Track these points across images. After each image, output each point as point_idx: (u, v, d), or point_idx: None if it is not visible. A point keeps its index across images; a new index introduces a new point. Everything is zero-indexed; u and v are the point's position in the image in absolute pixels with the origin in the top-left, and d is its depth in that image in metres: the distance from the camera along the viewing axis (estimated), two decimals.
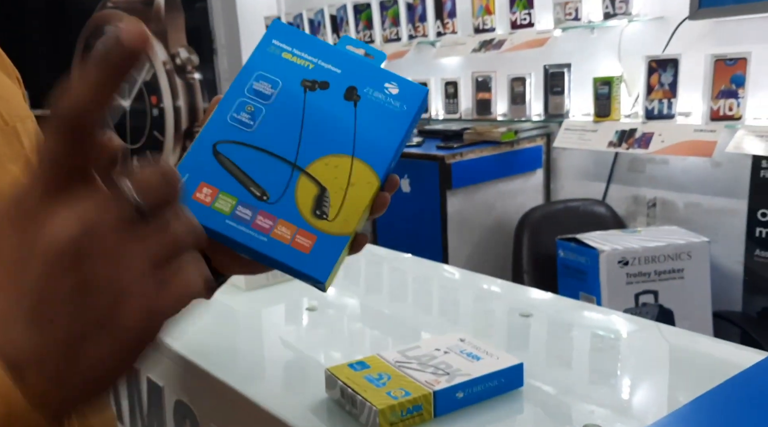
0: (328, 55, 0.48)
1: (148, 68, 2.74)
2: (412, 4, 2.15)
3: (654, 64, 1.61)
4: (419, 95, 0.48)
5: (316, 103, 0.46)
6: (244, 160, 0.45)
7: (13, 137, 0.51)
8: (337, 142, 0.46)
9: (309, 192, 0.45)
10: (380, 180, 0.46)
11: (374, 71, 0.48)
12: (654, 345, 0.85)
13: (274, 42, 0.48)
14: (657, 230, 1.64)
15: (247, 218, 0.43)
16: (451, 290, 1.18)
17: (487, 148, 1.92)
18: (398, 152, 0.48)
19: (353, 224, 0.44)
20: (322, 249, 0.43)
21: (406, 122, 0.47)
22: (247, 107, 0.46)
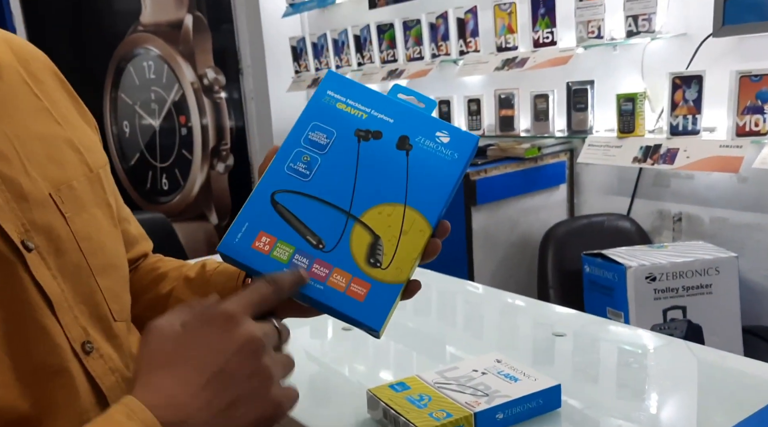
0: (380, 104, 0.50)
1: (177, 89, 2.81)
2: (435, 23, 2.19)
3: (678, 80, 1.62)
4: (470, 143, 0.49)
5: (370, 153, 0.48)
6: (301, 209, 0.47)
7: (97, 184, 0.56)
8: (390, 191, 0.47)
9: (363, 240, 0.46)
10: (432, 228, 0.47)
11: (426, 120, 0.49)
12: (686, 364, 0.86)
13: (328, 92, 0.50)
14: (683, 245, 1.64)
15: (304, 266, 0.45)
16: (476, 306, 1.20)
17: (510, 165, 1.94)
18: (450, 200, 0.49)
19: (406, 272, 0.46)
20: (376, 297, 0.45)
21: (457, 171, 0.49)
22: (304, 157, 0.48)
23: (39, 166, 0.51)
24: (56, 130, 0.54)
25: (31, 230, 0.48)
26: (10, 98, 0.52)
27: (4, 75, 0.53)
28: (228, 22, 2.92)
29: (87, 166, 0.55)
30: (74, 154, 0.55)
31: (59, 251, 0.50)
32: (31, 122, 0.52)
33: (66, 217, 0.51)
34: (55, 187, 0.51)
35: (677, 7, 1.70)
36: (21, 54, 0.56)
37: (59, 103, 0.57)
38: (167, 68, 2.78)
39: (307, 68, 2.74)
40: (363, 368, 0.90)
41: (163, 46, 2.75)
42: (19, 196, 0.48)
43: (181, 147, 2.84)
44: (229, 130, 2.98)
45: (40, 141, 0.52)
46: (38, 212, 0.49)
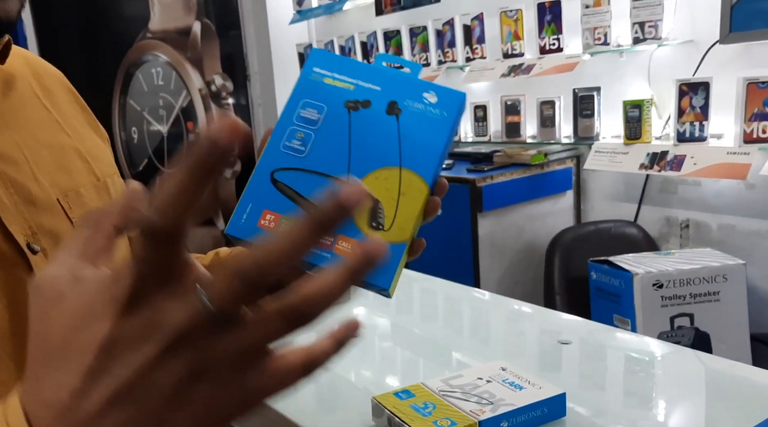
0: (366, 74, 0.50)
1: (185, 95, 2.83)
2: (441, 30, 2.20)
3: (685, 87, 1.62)
4: (457, 100, 0.50)
5: (361, 122, 0.49)
6: (300, 184, 0.47)
7: (104, 192, 0.58)
8: (384, 155, 0.48)
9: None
10: (429, 186, 0.48)
11: (412, 83, 0.50)
12: (693, 373, 0.85)
13: (315, 69, 0.51)
14: (691, 252, 1.64)
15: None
16: (482, 312, 1.20)
17: (517, 171, 1.94)
18: (443, 157, 0.50)
19: (408, 231, 0.47)
20: None
21: (447, 128, 0.49)
22: (298, 134, 0.49)
23: (47, 173, 0.52)
24: (65, 139, 0.56)
25: (38, 232, 0.50)
26: (21, 109, 0.54)
27: (17, 86, 0.55)
28: (236, 28, 2.94)
29: (94, 175, 0.57)
30: (82, 163, 0.57)
31: None
32: (40, 132, 0.54)
33: (73, 221, 0.53)
34: (62, 193, 0.53)
35: (684, 13, 1.70)
36: (36, 69, 0.59)
37: (69, 115, 0.59)
38: (175, 75, 2.80)
39: None
40: (369, 373, 0.91)
41: (172, 52, 2.77)
42: (27, 201, 0.50)
43: None
44: None
45: (49, 149, 0.54)
46: (46, 216, 0.51)
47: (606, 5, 1.76)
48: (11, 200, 0.48)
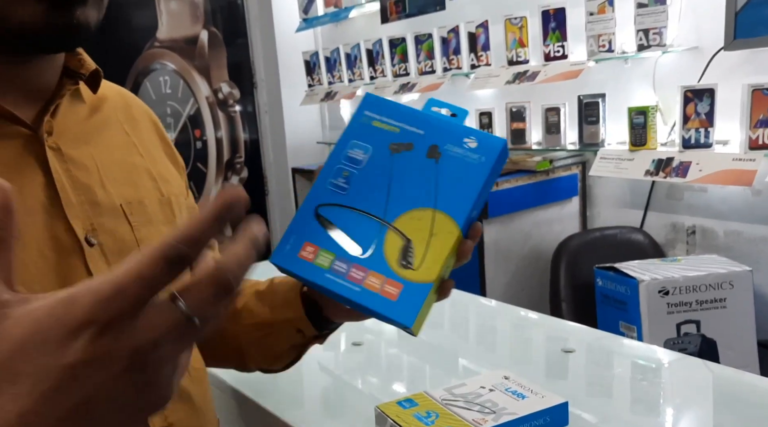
0: (412, 118, 0.53)
1: (193, 103, 2.86)
2: (446, 38, 2.21)
3: (690, 94, 1.62)
4: (497, 146, 0.51)
5: (402, 164, 0.51)
6: (341, 219, 0.50)
7: (167, 207, 0.64)
8: (420, 196, 0.50)
9: (396, 244, 0.49)
10: (460, 229, 0.49)
11: (454, 128, 0.52)
12: (700, 381, 0.85)
13: (365, 112, 0.54)
14: (697, 259, 1.63)
15: (343, 271, 0.49)
16: (489, 320, 1.20)
17: (522, 177, 1.95)
18: (479, 202, 0.51)
19: (436, 272, 0.48)
20: (408, 296, 0.47)
21: (484, 173, 0.50)
22: (344, 173, 0.52)
23: (115, 184, 0.59)
24: (137, 160, 0.64)
25: (98, 229, 0.56)
26: (103, 129, 0.62)
27: (103, 111, 0.63)
28: (242, 36, 2.97)
29: (159, 192, 0.64)
30: (150, 180, 0.64)
31: (122, 251, 0.57)
32: (116, 151, 0.62)
33: (132, 225, 0.59)
34: (126, 201, 0.60)
35: (689, 20, 1.70)
36: (128, 101, 0.68)
37: (147, 141, 0.67)
38: (183, 83, 2.83)
39: (320, 82, 2.77)
40: (376, 380, 0.91)
41: (179, 61, 2.79)
42: (92, 202, 0.56)
43: (196, 160, 2.88)
44: (243, 143, 3.02)
45: (120, 166, 0.61)
46: (107, 217, 0.57)
47: (610, 12, 1.76)
48: (78, 200, 0.55)
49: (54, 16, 0.49)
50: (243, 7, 2.95)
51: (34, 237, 0.52)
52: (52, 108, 0.56)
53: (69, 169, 0.56)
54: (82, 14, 0.51)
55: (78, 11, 0.50)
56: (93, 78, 0.61)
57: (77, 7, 0.50)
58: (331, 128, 3.07)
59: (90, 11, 0.52)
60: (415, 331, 0.48)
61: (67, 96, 0.59)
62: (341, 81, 2.67)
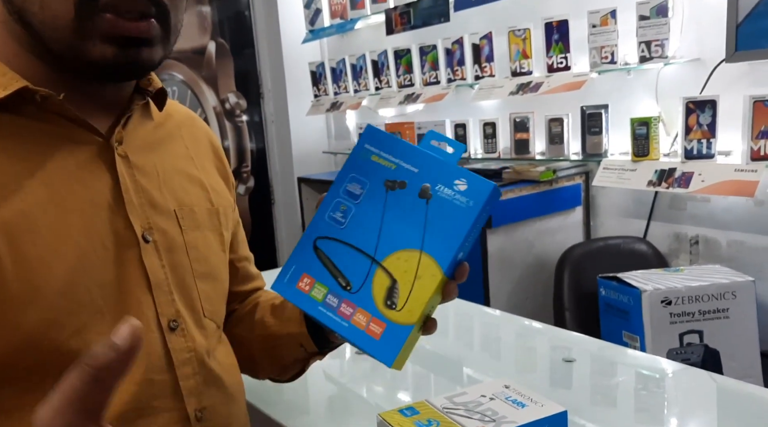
0: (408, 155, 0.54)
1: (200, 113, 2.89)
2: (451, 49, 2.23)
3: (692, 105, 1.64)
4: (486, 191, 0.52)
5: (395, 201, 0.53)
6: (336, 253, 0.53)
7: (214, 216, 0.70)
8: (408, 237, 0.52)
9: (383, 284, 0.51)
10: (444, 273, 0.51)
11: (447, 169, 0.53)
12: (703, 392, 0.86)
13: (365, 146, 0.56)
14: (700, 269, 1.64)
15: (334, 306, 0.52)
16: (492, 329, 1.21)
17: (526, 187, 1.96)
18: (465, 244, 0.52)
19: (416, 315, 0.50)
20: (390, 336, 0.50)
21: (471, 218, 0.51)
22: (341, 207, 0.54)
23: (172, 190, 0.66)
24: (193, 171, 0.71)
25: (153, 228, 0.62)
26: (166, 142, 0.69)
27: (167, 126, 0.70)
28: (249, 47, 3.01)
29: (209, 201, 0.70)
30: (201, 191, 0.70)
31: (171, 250, 0.64)
32: (176, 161, 0.69)
33: (182, 228, 0.65)
34: (179, 207, 0.66)
35: (691, 32, 1.72)
36: (192, 122, 0.76)
37: (203, 157, 0.74)
38: (190, 93, 2.86)
39: (326, 92, 2.80)
40: (381, 389, 0.93)
41: (187, 71, 2.83)
42: (150, 204, 0.63)
43: None
44: (249, 153, 3.05)
45: (177, 175, 0.68)
46: (161, 219, 0.63)
47: (612, 25, 1.78)
48: (138, 201, 0.62)
49: (122, 56, 0.55)
50: (250, 19, 2.99)
51: (98, 230, 0.58)
52: (123, 120, 0.62)
53: (134, 174, 0.62)
54: (148, 54, 0.57)
55: (145, 52, 0.56)
56: (159, 96, 0.68)
57: (144, 48, 0.56)
58: (337, 138, 3.09)
59: (156, 51, 0.57)
60: (397, 367, 0.50)
61: (138, 111, 0.66)
62: (347, 91, 2.69)
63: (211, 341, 0.68)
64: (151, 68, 0.59)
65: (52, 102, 0.56)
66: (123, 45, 0.55)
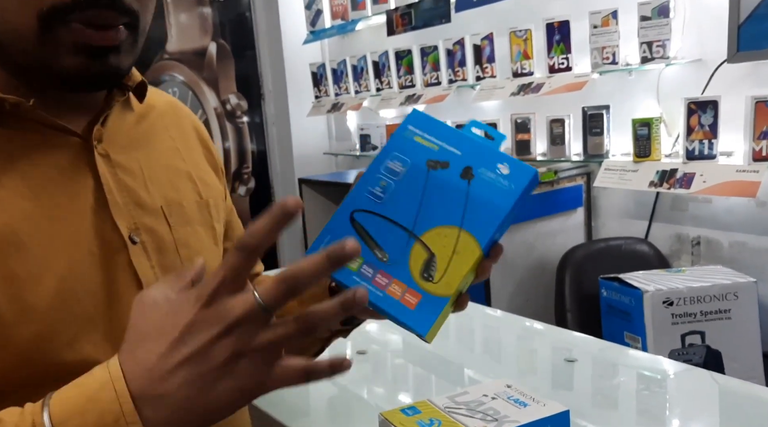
0: (452, 138, 0.55)
1: (201, 114, 2.89)
2: (452, 50, 2.23)
3: (693, 105, 1.64)
4: (527, 176, 0.53)
5: (436, 180, 0.54)
6: (373, 226, 0.53)
7: (204, 209, 0.69)
8: (448, 214, 0.52)
9: (420, 257, 0.52)
10: (482, 250, 0.51)
11: (490, 153, 0.54)
12: (704, 392, 0.86)
13: (409, 127, 0.56)
14: (701, 270, 1.64)
15: (369, 275, 0.52)
16: (494, 330, 1.21)
17: None
18: (503, 226, 0.53)
19: (453, 287, 0.51)
20: (425, 307, 0.51)
21: (511, 200, 0.52)
22: (381, 183, 0.55)
23: (158, 186, 0.64)
24: (179, 164, 0.68)
25: (140, 228, 0.61)
26: (151, 135, 0.67)
27: (150, 118, 0.68)
28: (250, 48, 3.01)
29: (198, 194, 0.69)
30: (190, 184, 0.68)
31: (160, 250, 0.62)
32: (160, 155, 0.67)
33: (171, 226, 0.64)
34: (167, 203, 0.64)
35: (692, 33, 1.72)
36: (174, 108, 0.73)
37: (190, 147, 0.72)
38: (191, 94, 2.86)
39: (327, 93, 2.80)
40: (381, 390, 0.92)
41: (188, 72, 2.83)
42: (136, 203, 0.61)
43: None
44: (250, 154, 3.05)
45: (163, 169, 0.66)
46: (149, 218, 0.62)
47: (614, 25, 1.78)
48: (123, 201, 0.60)
49: (90, 66, 0.54)
50: (251, 20, 2.99)
51: (85, 236, 0.57)
52: (102, 118, 0.61)
53: (116, 174, 0.61)
54: (115, 61, 0.55)
55: (112, 59, 0.55)
56: (140, 88, 0.66)
57: (111, 56, 0.55)
58: (338, 139, 3.09)
59: (123, 58, 0.56)
60: (429, 339, 0.51)
61: (117, 105, 0.64)
62: (348, 92, 2.69)
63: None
64: (121, 76, 0.58)
65: (23, 109, 0.55)
66: (91, 55, 0.54)
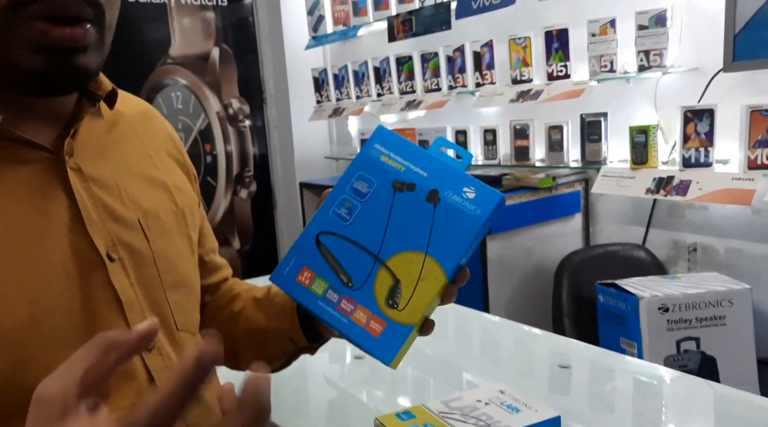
0: (418, 159, 0.55)
1: (203, 118, 2.91)
2: (452, 56, 2.26)
3: (689, 114, 1.65)
4: (493, 200, 0.53)
5: (402, 203, 0.53)
6: (339, 249, 0.53)
7: (180, 218, 0.67)
8: (414, 239, 0.52)
9: (386, 283, 0.52)
10: (447, 277, 0.51)
11: (456, 176, 0.54)
12: (698, 400, 0.88)
13: (375, 146, 0.56)
14: (697, 276, 1.66)
15: (334, 301, 0.52)
16: (492, 335, 1.23)
17: (526, 194, 1.98)
18: (468, 251, 0.53)
19: (418, 315, 0.51)
20: (390, 335, 0.51)
21: (477, 225, 0.52)
22: (347, 204, 0.54)
23: (133, 197, 0.62)
24: (153, 172, 0.67)
25: (117, 244, 0.59)
26: (121, 143, 0.65)
27: (120, 125, 0.66)
28: (253, 53, 3.03)
29: (174, 203, 0.67)
30: (165, 192, 0.66)
31: (138, 264, 0.60)
32: (134, 164, 0.65)
33: (149, 239, 0.62)
34: (143, 215, 0.62)
35: (689, 42, 1.74)
36: (144, 112, 0.71)
37: (163, 153, 0.70)
38: (194, 98, 2.89)
39: (329, 98, 2.83)
40: (380, 393, 0.94)
41: (191, 77, 2.86)
42: (112, 218, 0.59)
43: (206, 174, 2.93)
44: (252, 157, 3.07)
45: (138, 178, 0.64)
46: (126, 232, 0.60)
47: (612, 34, 1.80)
48: (99, 217, 0.58)
49: (54, 65, 0.51)
50: (254, 25, 3.01)
51: (58, 254, 0.55)
52: (72, 130, 0.58)
53: (90, 188, 0.58)
54: (83, 61, 0.53)
55: (79, 59, 0.52)
56: (109, 96, 0.64)
57: (77, 55, 0.52)
58: (339, 144, 3.12)
59: (90, 57, 0.53)
60: (394, 366, 0.51)
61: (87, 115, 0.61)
62: (349, 97, 2.72)
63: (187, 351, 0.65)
64: (89, 77, 0.55)
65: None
66: (55, 54, 0.51)
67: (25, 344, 0.52)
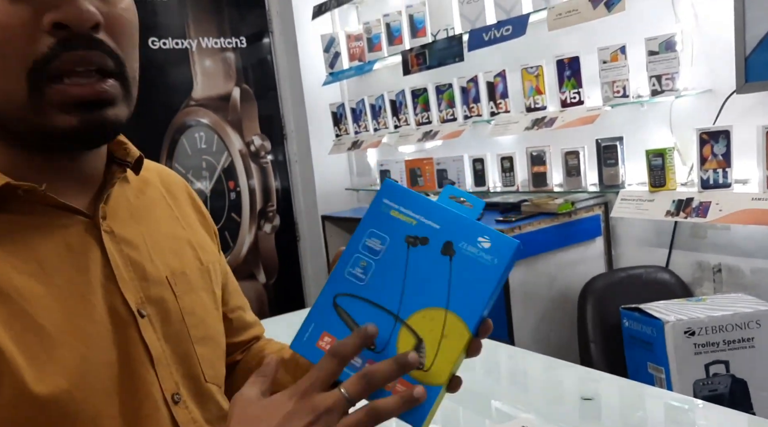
0: (429, 211, 0.54)
1: (226, 156, 2.99)
2: (466, 87, 2.30)
3: (705, 135, 1.66)
4: (510, 249, 0.52)
5: (417, 258, 0.52)
6: (357, 311, 0.52)
7: (206, 274, 0.72)
8: (433, 295, 0.51)
9: (408, 343, 0.51)
10: (471, 332, 0.50)
11: (469, 226, 0.53)
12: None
13: (384, 201, 0.55)
14: (723, 298, 1.64)
15: (358, 366, 0.51)
16: (518, 365, 1.23)
17: (545, 220, 1.99)
18: (490, 303, 0.52)
19: (445, 375, 0.50)
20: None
21: (496, 276, 0.51)
22: (361, 263, 0.53)
23: (162, 256, 0.66)
24: (180, 232, 0.71)
25: (146, 302, 0.62)
26: (151, 208, 0.70)
27: (148, 190, 0.71)
28: (273, 91, 3.12)
29: (199, 261, 0.71)
30: (191, 251, 0.71)
31: (166, 320, 0.64)
32: (162, 225, 0.70)
33: (176, 295, 0.65)
34: (171, 273, 0.66)
35: (701, 64, 1.75)
36: (165, 178, 0.76)
37: (187, 214, 0.75)
38: (217, 137, 2.97)
39: (347, 132, 2.88)
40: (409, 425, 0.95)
41: (213, 117, 2.94)
42: (141, 277, 0.63)
43: (231, 210, 3.00)
44: (275, 192, 3.13)
45: (166, 239, 0.69)
46: (155, 289, 0.64)
47: (623, 60, 1.82)
48: (129, 276, 0.62)
49: (85, 121, 0.54)
50: (272, 64, 3.10)
51: (98, 310, 0.59)
52: (105, 196, 0.63)
53: (122, 249, 0.63)
54: (111, 113, 0.56)
55: (107, 111, 0.55)
56: (137, 162, 0.69)
57: (106, 108, 0.55)
58: (359, 175, 3.17)
59: (119, 109, 0.57)
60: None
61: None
62: (367, 130, 2.77)
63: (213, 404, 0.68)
64: (119, 128, 0.58)
65: (35, 193, 0.56)
66: (85, 109, 0.54)
67: (75, 399, 0.55)
